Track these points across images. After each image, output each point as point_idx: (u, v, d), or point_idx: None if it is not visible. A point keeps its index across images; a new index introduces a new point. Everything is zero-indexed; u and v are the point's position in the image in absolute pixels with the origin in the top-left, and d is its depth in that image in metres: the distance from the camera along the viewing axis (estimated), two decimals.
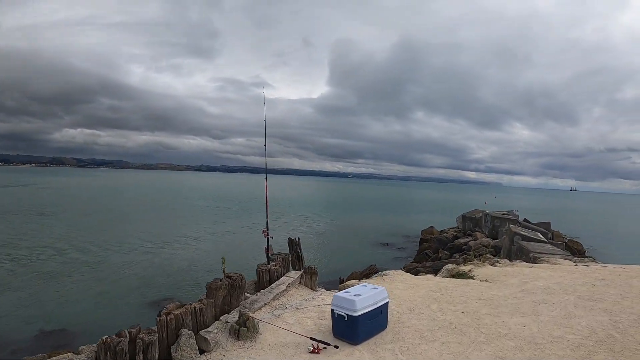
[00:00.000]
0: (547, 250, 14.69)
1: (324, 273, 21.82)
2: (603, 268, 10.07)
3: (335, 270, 22.26)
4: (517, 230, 17.96)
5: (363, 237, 36.65)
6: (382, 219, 53.63)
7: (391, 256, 28.44)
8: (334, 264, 24.38)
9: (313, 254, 26.70)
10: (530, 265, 10.31)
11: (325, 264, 24.35)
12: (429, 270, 19.52)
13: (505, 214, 28.51)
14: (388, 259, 27.30)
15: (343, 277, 20.63)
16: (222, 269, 7.81)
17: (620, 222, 78.15)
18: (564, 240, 31.06)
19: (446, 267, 10.78)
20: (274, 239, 9.86)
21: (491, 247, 22.57)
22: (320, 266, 23.51)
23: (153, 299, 16.31)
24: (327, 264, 24.50)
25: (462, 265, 10.44)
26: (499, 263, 11.40)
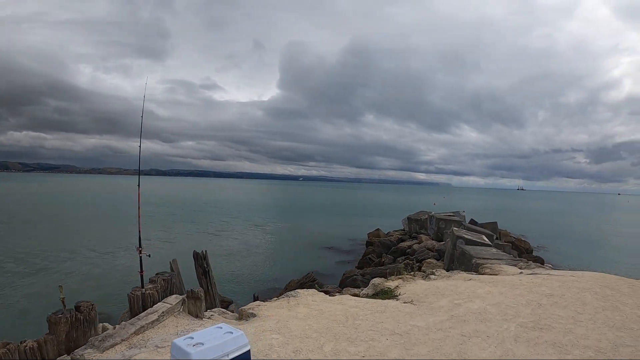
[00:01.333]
0: (491, 254, 13.51)
1: (262, 281, 21.10)
2: (551, 277, 8.82)
3: (274, 278, 21.80)
4: (460, 233, 16.78)
5: (308, 241, 35.71)
6: (329, 221, 53.06)
7: (335, 260, 27.62)
8: (274, 271, 23.53)
9: (250, 261, 25.68)
10: (469, 277, 8.90)
11: (265, 271, 23.54)
12: (367, 279, 18.22)
13: (450, 216, 27.66)
14: (331, 263, 26.64)
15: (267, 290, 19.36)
16: (60, 299, 5.94)
17: (566, 219, 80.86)
18: (511, 240, 30.79)
19: (373, 282, 9.27)
20: None
21: (435, 251, 21.52)
22: (258, 274, 22.61)
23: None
24: (267, 270, 23.67)
25: (390, 280, 8.91)
26: (434, 275, 9.98)
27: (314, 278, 19.34)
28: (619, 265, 30.07)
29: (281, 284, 19.43)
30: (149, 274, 7.71)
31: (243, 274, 22.53)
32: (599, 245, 43.37)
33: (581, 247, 39.58)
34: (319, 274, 22.80)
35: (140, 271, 7.63)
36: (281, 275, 21.94)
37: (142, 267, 7.54)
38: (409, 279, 8.72)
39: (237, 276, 21.92)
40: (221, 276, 21.08)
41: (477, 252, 13.56)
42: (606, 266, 29.34)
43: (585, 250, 37.70)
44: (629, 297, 7.23)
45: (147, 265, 7.51)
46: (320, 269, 24.21)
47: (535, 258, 25.90)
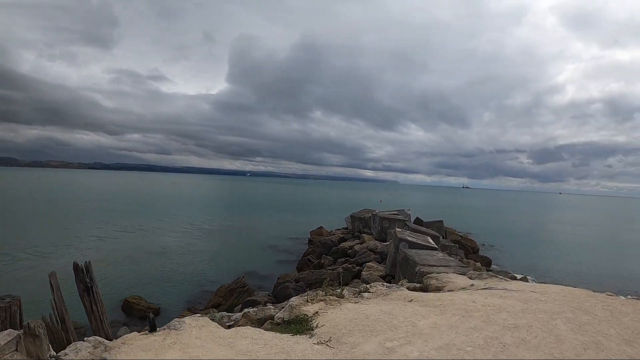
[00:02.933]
0: (437, 260, 11.96)
1: (194, 284, 20.04)
2: (509, 294, 7.22)
3: (208, 280, 20.77)
4: (403, 235, 15.20)
5: (250, 240, 34.46)
6: (274, 219, 52.05)
7: (275, 261, 26.61)
8: (209, 273, 22.39)
9: (185, 262, 24.39)
10: (410, 295, 7.10)
11: (199, 273, 22.36)
12: (300, 286, 16.53)
13: (395, 214, 26.34)
14: (270, 264, 25.50)
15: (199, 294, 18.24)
16: None
17: (510, 216, 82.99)
18: (458, 238, 30.24)
19: (291, 303, 7.34)
20: None
21: (377, 253, 20.00)
22: (191, 277, 21.37)
23: None
24: (202, 272, 22.46)
25: (310, 303, 6.99)
26: (368, 292, 8.18)
27: (244, 284, 17.88)
28: (566, 264, 30.33)
29: (214, 287, 18.36)
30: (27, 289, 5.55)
31: (175, 276, 21.32)
32: (543, 242, 44.12)
33: (526, 245, 40.13)
34: (255, 277, 21.97)
35: None
36: (216, 277, 21.03)
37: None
38: (333, 303, 6.83)
39: (168, 278, 20.74)
40: (151, 278, 20.34)
41: (421, 258, 11.96)
42: (553, 265, 29.38)
43: (529, 248, 38.34)
44: (609, 324, 5.70)
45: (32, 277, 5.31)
46: (258, 271, 23.45)
47: (482, 259, 25.22)
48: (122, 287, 18.54)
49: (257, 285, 19.70)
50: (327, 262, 22.69)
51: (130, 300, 16.01)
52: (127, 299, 16.12)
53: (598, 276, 26.46)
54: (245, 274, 21.59)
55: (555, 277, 25.32)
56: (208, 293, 18.15)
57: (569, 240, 46.75)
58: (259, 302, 14.94)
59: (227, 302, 16.91)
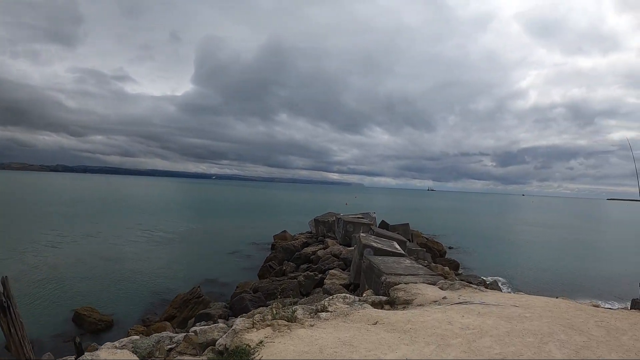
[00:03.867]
0: (404, 268, 10.99)
1: (151, 294, 18.90)
2: (488, 311, 6.27)
3: (166, 289, 19.58)
4: (368, 241, 14.20)
5: (212, 245, 33.13)
6: (237, 223, 50.69)
7: (237, 267, 25.60)
8: (167, 281, 21.18)
9: (143, 270, 22.99)
10: (375, 316, 5.98)
11: (156, 281, 21.10)
12: (257, 298, 15.34)
13: (359, 218, 25.47)
14: (232, 271, 24.46)
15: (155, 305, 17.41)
16: None
17: (474, 218, 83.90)
18: (424, 241, 29.75)
19: (234, 328, 6.19)
20: None
21: (341, 259, 18.99)
22: (148, 286, 20.16)
23: None
24: (159, 281, 21.20)
25: (254, 329, 5.82)
26: (326, 311, 7.10)
27: (199, 294, 16.65)
28: (533, 266, 30.48)
29: (172, 296, 17.32)
30: None
31: (131, 284, 20.25)
32: (508, 243, 44.48)
33: (492, 247, 40.26)
34: (215, 285, 21.13)
35: None
36: (174, 285, 19.95)
37: None
38: (282, 328, 5.68)
39: (124, 287, 19.69)
40: (105, 287, 19.34)
41: (387, 267, 10.96)
42: (521, 267, 29.26)
43: (495, 250, 38.51)
44: (609, 347, 4.80)
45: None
46: (218, 278, 22.46)
47: (450, 262, 24.74)
48: (74, 297, 17.45)
49: (215, 294, 18.82)
50: (289, 268, 21.70)
51: (81, 311, 14.91)
52: (78, 310, 15.00)
53: (569, 278, 26.56)
54: (205, 281, 21.10)
55: (524, 280, 25.14)
56: (165, 302, 17.14)
57: (534, 241, 47.27)
58: (213, 316, 13.85)
59: (182, 314, 15.83)
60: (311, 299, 12.87)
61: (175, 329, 13.41)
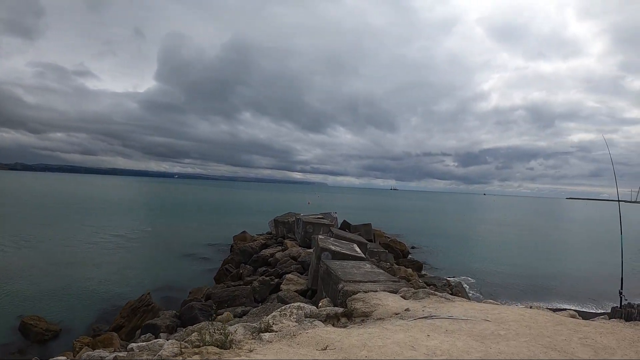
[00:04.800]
0: (365, 274, 10.11)
1: (101, 301, 17.88)
2: (459, 330, 5.43)
3: (116, 295, 18.55)
4: (326, 244, 13.27)
5: (167, 247, 31.65)
6: (197, 223, 49.16)
7: (193, 270, 24.64)
8: (118, 288, 19.92)
9: (94, 275, 21.70)
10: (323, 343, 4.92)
11: (107, 287, 19.88)
12: (208, 306, 14.23)
13: (319, 218, 24.61)
14: (187, 275, 23.44)
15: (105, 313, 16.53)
16: None
17: (437, 217, 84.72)
18: (387, 241, 29.27)
19: (160, 354, 5.16)
20: None
21: (299, 262, 18.04)
22: (98, 292, 19.08)
23: None
24: (109, 288, 19.89)
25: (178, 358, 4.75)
26: (271, 330, 6.09)
27: (148, 301, 15.41)
28: (496, 264, 30.71)
29: (124, 302, 16.08)
30: None
31: (82, 291, 19.11)
32: (471, 242, 44.93)
33: (454, 245, 40.53)
34: (168, 291, 20.05)
35: None
36: (127, 291, 18.83)
37: None
38: (212, 357, 4.65)
39: (75, 294, 18.57)
40: (55, 294, 18.29)
41: (345, 272, 10.05)
42: (484, 266, 29.22)
43: (458, 248, 38.92)
44: None
45: None
46: (172, 283, 21.41)
47: (413, 263, 24.30)
48: (21, 304, 16.54)
49: (168, 301, 17.71)
50: (245, 272, 20.60)
51: (27, 320, 14.04)
52: (25, 319, 14.16)
53: (535, 277, 26.58)
54: (158, 287, 20.22)
55: (490, 280, 25.05)
56: (116, 310, 16.05)
57: (497, 240, 47.79)
58: (159, 327, 12.76)
59: (130, 323, 14.65)
60: (263, 309, 11.90)
61: (122, 340, 12.32)
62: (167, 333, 11.55)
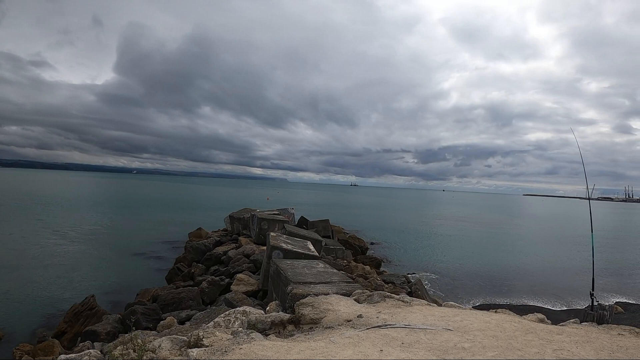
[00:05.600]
0: (317, 275, 9.30)
1: (45, 305, 16.81)
2: (417, 342, 4.67)
3: (62, 298, 17.38)
4: (277, 242, 12.40)
5: (119, 246, 30.11)
6: (152, 219, 47.45)
7: (144, 269, 23.68)
8: (65, 290, 18.78)
9: (37, 279, 20.17)
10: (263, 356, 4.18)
11: (53, 290, 18.63)
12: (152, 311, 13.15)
13: (275, 214, 23.73)
14: (138, 274, 22.41)
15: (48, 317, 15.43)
16: None
17: (397, 212, 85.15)
18: (345, 237, 28.74)
19: None
20: None
21: (252, 261, 17.08)
22: (42, 296, 17.89)
23: None
24: (57, 290, 18.76)
25: None
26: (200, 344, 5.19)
27: (92, 305, 14.38)
28: (456, 260, 30.63)
29: (69, 305, 14.86)
30: None
31: (28, 293, 18.02)
32: (430, 237, 45.08)
33: (414, 241, 40.69)
34: (117, 292, 19.04)
35: None
36: (74, 294, 17.58)
37: None
38: None
39: (19, 297, 17.53)
40: None
41: (296, 273, 9.21)
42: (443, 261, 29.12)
43: (418, 244, 38.79)
44: None
45: None
46: (122, 284, 20.34)
47: (371, 260, 23.79)
48: None
49: (115, 304, 16.82)
50: (197, 271, 19.51)
51: None
52: None
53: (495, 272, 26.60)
54: (107, 288, 19.32)
55: (450, 276, 24.93)
56: (63, 314, 14.81)
57: (456, 235, 48.19)
58: (99, 334, 11.83)
59: (73, 329, 13.52)
60: (207, 314, 10.93)
61: (63, 347, 11.37)
62: (104, 342, 10.69)
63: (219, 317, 8.36)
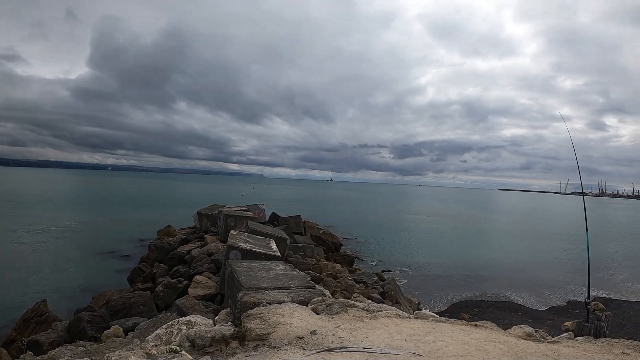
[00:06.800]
0: (274, 279, 8.17)
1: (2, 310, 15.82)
2: None
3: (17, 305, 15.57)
4: (236, 240, 11.24)
5: (86, 245, 28.54)
6: (123, 217, 45.63)
7: (108, 271, 22.32)
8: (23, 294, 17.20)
9: None
10: None
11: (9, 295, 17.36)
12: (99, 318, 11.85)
13: (243, 210, 22.58)
14: (100, 276, 21.17)
15: None
16: None
17: (373, 207, 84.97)
18: (319, 234, 27.85)
19: None
20: None
21: (212, 260, 15.87)
22: None
23: None
24: (13, 294, 17.46)
25: None
26: None
27: (42, 311, 13.01)
28: (432, 256, 29.97)
29: (22, 310, 13.42)
30: None
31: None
32: (405, 232, 44.84)
33: (389, 237, 40.39)
34: (74, 296, 17.68)
35: None
36: (30, 299, 15.57)
37: None
38: None
39: None
40: None
41: (250, 277, 8.06)
42: (418, 257, 28.43)
43: (393, 240, 38.12)
44: None
45: None
46: (81, 287, 19.01)
47: (344, 257, 22.82)
48: None
49: (69, 309, 15.16)
50: (159, 271, 18.13)
51: None
52: None
53: (471, 268, 25.94)
54: (65, 292, 18.01)
55: (425, 274, 24.31)
56: (17, 319, 13.50)
57: (432, 230, 48.02)
58: (42, 344, 10.40)
59: (22, 336, 12.17)
60: (153, 323, 9.61)
61: (12, 356, 10.45)
62: None
63: (160, 329, 7.22)
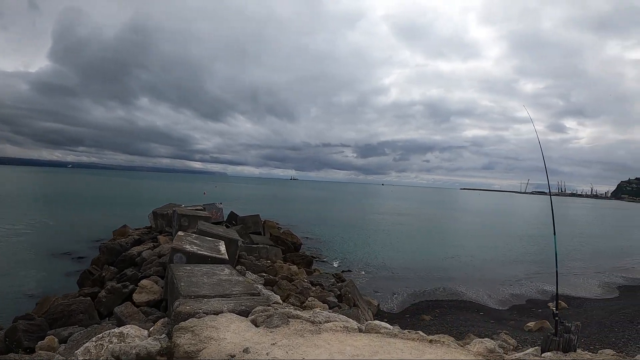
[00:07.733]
0: (215, 285, 7.50)
1: None
2: None
3: None
4: (182, 243, 10.52)
5: (35, 246, 26.79)
6: (78, 217, 43.29)
7: (59, 273, 20.72)
8: None
9: None
10: None
11: None
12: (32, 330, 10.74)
13: (198, 210, 21.74)
14: (52, 278, 19.77)
15: None
16: None
17: (335, 206, 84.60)
18: (278, 234, 27.34)
19: None
20: None
21: (160, 263, 14.98)
22: None
23: None
24: None
25: None
26: None
27: None
28: (397, 252, 30.25)
29: None
30: None
31: None
32: (367, 232, 44.78)
33: (352, 235, 40.29)
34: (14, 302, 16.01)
35: None
36: None
37: None
38: None
39: None
40: None
41: (190, 283, 7.37)
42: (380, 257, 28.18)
43: (355, 238, 37.74)
44: None
45: None
46: (26, 292, 17.47)
47: (302, 258, 22.29)
48: None
49: (9, 317, 13.62)
50: (108, 274, 17.03)
51: None
52: None
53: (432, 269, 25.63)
54: (8, 296, 16.61)
55: (386, 274, 23.87)
56: None
57: (394, 229, 47.97)
58: None
59: None
60: (87, 333, 8.76)
61: None
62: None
63: (90, 342, 6.47)
